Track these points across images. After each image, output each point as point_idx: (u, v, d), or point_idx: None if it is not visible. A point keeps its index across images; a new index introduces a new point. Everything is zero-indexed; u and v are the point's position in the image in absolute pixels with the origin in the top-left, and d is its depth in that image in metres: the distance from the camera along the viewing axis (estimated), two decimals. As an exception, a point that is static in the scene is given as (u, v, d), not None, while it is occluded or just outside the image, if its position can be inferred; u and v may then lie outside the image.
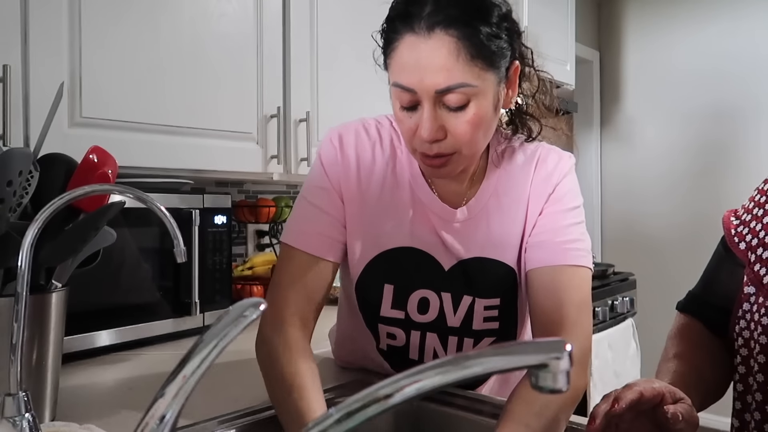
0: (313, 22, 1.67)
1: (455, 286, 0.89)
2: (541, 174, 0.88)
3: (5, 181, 0.73)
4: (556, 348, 0.39)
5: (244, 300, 0.50)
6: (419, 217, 0.88)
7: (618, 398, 0.65)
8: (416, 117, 0.77)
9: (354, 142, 0.89)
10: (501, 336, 0.91)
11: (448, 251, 0.88)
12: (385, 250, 0.88)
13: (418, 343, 0.92)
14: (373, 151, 0.89)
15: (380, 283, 0.89)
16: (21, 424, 0.61)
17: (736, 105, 3.19)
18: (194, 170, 1.42)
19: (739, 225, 0.87)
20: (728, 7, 3.20)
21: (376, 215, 0.88)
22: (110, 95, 1.26)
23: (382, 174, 0.89)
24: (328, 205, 0.87)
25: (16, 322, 0.61)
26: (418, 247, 0.88)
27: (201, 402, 0.86)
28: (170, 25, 1.36)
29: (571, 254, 0.83)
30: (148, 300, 1.32)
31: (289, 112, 1.62)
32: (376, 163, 0.89)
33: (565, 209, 0.86)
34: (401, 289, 0.89)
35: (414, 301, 0.89)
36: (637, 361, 2.37)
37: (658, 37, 3.30)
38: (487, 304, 0.89)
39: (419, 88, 0.74)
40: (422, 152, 0.80)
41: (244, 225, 1.98)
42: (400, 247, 0.88)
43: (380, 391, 0.40)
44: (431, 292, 0.89)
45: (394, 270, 0.89)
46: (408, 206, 0.88)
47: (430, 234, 0.88)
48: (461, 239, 0.88)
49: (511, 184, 0.89)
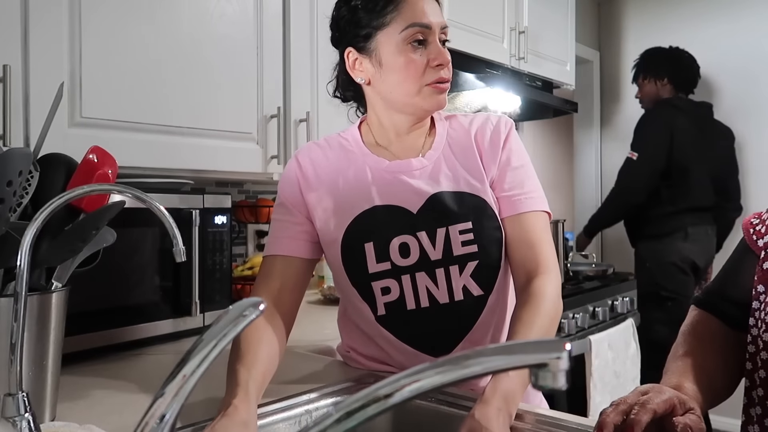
0: (313, 22, 1.67)
1: (427, 222, 0.99)
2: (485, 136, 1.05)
3: (5, 181, 0.73)
4: (556, 348, 0.39)
5: (244, 300, 0.50)
6: (378, 179, 1.02)
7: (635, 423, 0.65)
8: (425, 52, 0.98)
9: (307, 153, 1.07)
10: (483, 259, 0.99)
11: (412, 195, 1.00)
12: (356, 216, 1.00)
13: (411, 287, 0.99)
14: (324, 152, 1.07)
15: (360, 245, 0.99)
16: (21, 424, 0.61)
17: (735, 104, 3.19)
18: (194, 170, 1.42)
19: (759, 224, 0.90)
20: (728, 7, 3.20)
21: (339, 194, 1.02)
22: (110, 95, 1.26)
23: (335, 163, 1.05)
24: (287, 215, 1.03)
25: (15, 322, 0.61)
26: (383, 203, 1.01)
27: (201, 402, 0.86)
28: (170, 25, 1.36)
29: (528, 202, 1.01)
30: (148, 300, 1.32)
31: (289, 112, 1.62)
32: (329, 158, 1.06)
33: (513, 166, 1.03)
34: (380, 243, 0.99)
35: (395, 248, 0.99)
36: (637, 361, 2.36)
37: (658, 37, 3.29)
38: (460, 228, 0.98)
39: (433, 24, 0.98)
40: (437, 79, 0.98)
41: (244, 225, 1.98)
42: (368, 209, 1.01)
43: (380, 391, 0.40)
44: (408, 236, 0.99)
45: (368, 229, 1.00)
46: (365, 174, 1.03)
47: (391, 187, 1.01)
48: (424, 180, 1.01)
49: (459, 138, 1.06)
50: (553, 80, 2.75)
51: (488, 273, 0.99)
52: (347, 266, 1.01)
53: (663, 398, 0.68)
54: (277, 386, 0.92)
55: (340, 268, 1.01)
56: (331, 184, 1.03)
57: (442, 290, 0.98)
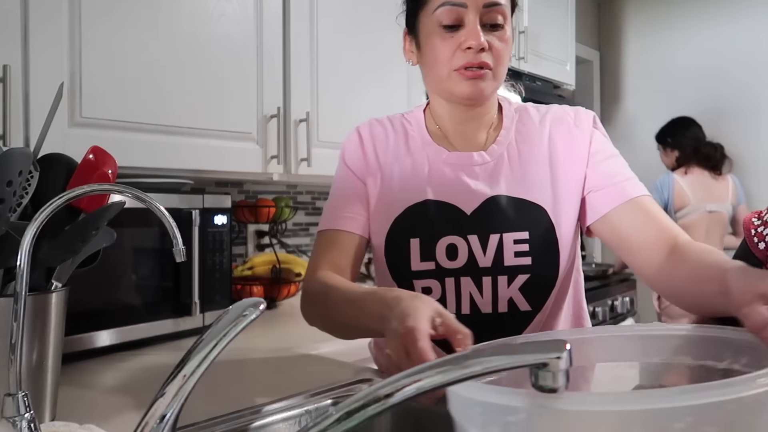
0: (313, 22, 1.67)
1: (480, 226, 0.92)
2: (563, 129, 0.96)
3: (5, 181, 0.73)
4: (556, 348, 0.39)
5: (244, 300, 0.50)
6: (435, 172, 0.96)
7: None
8: (458, 36, 0.88)
9: (368, 130, 1.02)
10: (536, 274, 0.91)
11: (469, 194, 0.93)
12: (406, 208, 0.95)
13: (454, 291, 0.92)
14: (385, 132, 1.01)
15: (406, 239, 0.94)
16: (21, 424, 0.61)
17: (735, 104, 3.19)
18: (194, 170, 1.42)
19: (760, 225, 0.89)
20: (728, 7, 3.20)
21: (394, 183, 0.98)
22: (110, 95, 1.26)
23: (394, 148, 1.00)
24: (349, 189, 0.99)
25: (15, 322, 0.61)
26: (436, 198, 0.94)
27: (201, 402, 0.86)
28: (170, 25, 1.36)
29: (635, 187, 0.91)
30: (148, 300, 1.32)
31: (289, 112, 1.62)
32: (389, 141, 1.01)
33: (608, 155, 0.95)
34: (427, 241, 0.93)
35: (441, 249, 0.92)
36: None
37: (658, 38, 3.30)
38: (516, 237, 0.91)
39: (470, 2, 0.87)
40: (465, 64, 0.88)
41: (244, 225, 1.98)
42: (419, 202, 0.95)
43: (380, 391, 0.40)
44: (457, 237, 0.92)
45: (416, 224, 0.94)
46: (423, 165, 0.97)
47: (447, 183, 0.95)
48: (482, 180, 0.94)
49: (528, 134, 0.97)
50: (553, 80, 2.75)
51: (540, 289, 0.92)
52: (389, 260, 0.96)
53: None
54: (277, 386, 0.92)
55: (382, 259, 0.97)
56: (388, 171, 0.99)
57: (486, 299, 0.91)
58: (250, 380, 1.00)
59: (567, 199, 0.94)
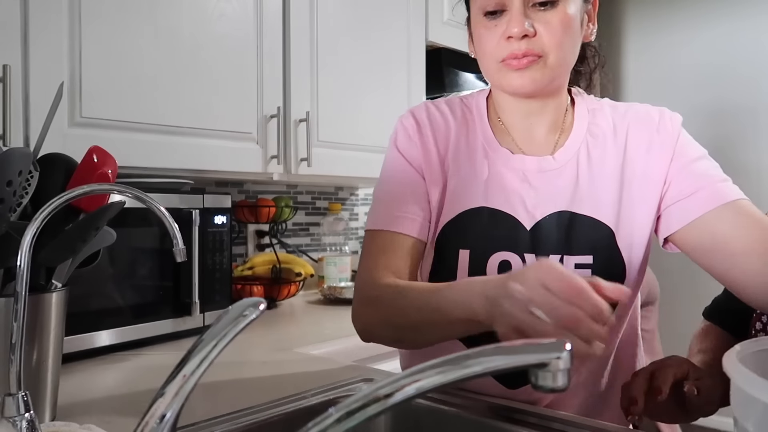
0: (313, 22, 1.67)
1: (540, 245, 0.82)
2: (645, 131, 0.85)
3: (5, 181, 0.73)
4: (556, 348, 0.39)
5: (244, 300, 0.50)
6: (494, 176, 0.86)
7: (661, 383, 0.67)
8: (502, 23, 0.79)
9: (427, 115, 0.91)
10: None
11: (530, 206, 0.84)
12: (458, 214, 0.86)
13: None
14: (445, 121, 0.90)
15: (455, 250, 0.85)
16: (21, 424, 0.61)
17: (736, 105, 3.18)
18: (194, 170, 1.42)
19: None
20: (728, 8, 3.20)
21: (452, 181, 0.87)
22: (110, 95, 1.26)
23: (455, 142, 0.89)
24: (406, 183, 0.88)
25: (15, 322, 0.61)
26: (493, 206, 0.85)
27: (201, 402, 0.86)
28: (170, 25, 1.36)
29: (733, 190, 0.81)
30: (148, 300, 1.32)
31: (289, 112, 1.62)
32: (450, 132, 0.89)
33: (698, 157, 0.83)
34: (478, 254, 0.84)
35: (493, 265, 0.83)
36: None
37: (658, 38, 3.30)
38: (578, 261, 0.81)
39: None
40: (509, 54, 0.79)
41: (244, 225, 1.98)
42: (473, 209, 0.85)
43: (380, 391, 0.40)
44: (513, 255, 0.83)
45: (468, 234, 0.85)
46: (482, 168, 0.87)
47: (507, 191, 0.85)
48: (547, 191, 0.84)
49: (601, 136, 0.87)
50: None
51: None
52: (435, 270, 0.87)
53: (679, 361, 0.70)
54: (277, 386, 0.92)
55: (428, 269, 0.89)
56: (446, 167, 0.88)
57: None
58: (250, 380, 1.00)
59: (639, 220, 0.84)
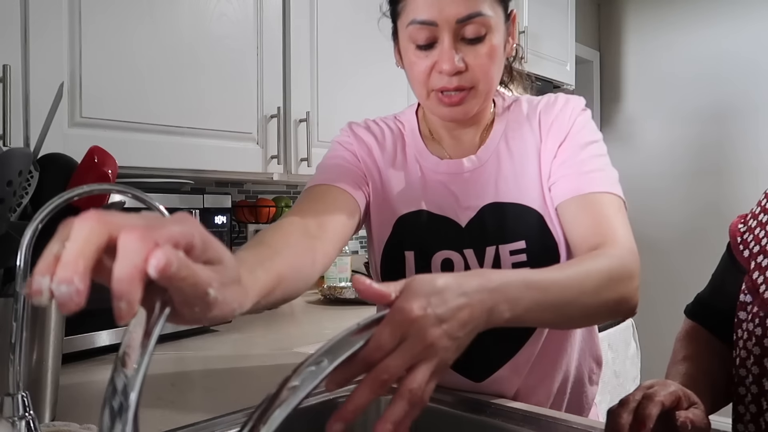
0: (313, 22, 1.67)
1: (475, 239, 0.87)
2: (551, 115, 0.88)
3: (5, 181, 0.73)
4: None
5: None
6: (429, 182, 0.90)
7: (646, 417, 0.64)
8: (433, 55, 0.80)
9: (365, 129, 0.95)
10: None
11: (463, 206, 0.88)
12: (400, 217, 0.90)
13: None
14: (383, 132, 0.95)
15: (401, 252, 0.90)
16: (21, 424, 0.61)
17: (735, 105, 3.19)
18: (194, 170, 1.42)
19: (746, 232, 0.86)
20: (728, 8, 3.20)
21: (391, 188, 0.92)
22: (110, 95, 1.26)
23: (392, 152, 0.93)
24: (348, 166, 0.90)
25: (15, 322, 0.61)
26: (430, 210, 0.89)
27: (201, 402, 0.86)
28: (170, 25, 1.36)
29: (595, 182, 0.81)
30: (148, 300, 1.32)
31: (289, 112, 1.62)
32: (387, 143, 0.94)
33: (581, 143, 0.85)
34: (422, 254, 0.89)
35: (437, 264, 0.88)
36: (637, 361, 2.37)
37: (658, 38, 3.30)
38: (512, 248, 0.85)
39: (440, 19, 0.77)
40: (441, 88, 0.81)
41: (244, 225, 1.98)
42: (413, 212, 0.90)
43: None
44: (452, 252, 0.88)
45: (411, 236, 0.90)
46: (417, 176, 0.91)
47: (439, 195, 0.89)
48: (474, 188, 0.88)
49: (519, 128, 0.90)
50: (553, 80, 2.76)
51: None
52: (384, 272, 0.92)
53: (669, 390, 0.67)
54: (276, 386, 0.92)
55: (377, 274, 0.93)
56: (385, 175, 0.92)
57: None
58: (250, 380, 1.01)
59: None
